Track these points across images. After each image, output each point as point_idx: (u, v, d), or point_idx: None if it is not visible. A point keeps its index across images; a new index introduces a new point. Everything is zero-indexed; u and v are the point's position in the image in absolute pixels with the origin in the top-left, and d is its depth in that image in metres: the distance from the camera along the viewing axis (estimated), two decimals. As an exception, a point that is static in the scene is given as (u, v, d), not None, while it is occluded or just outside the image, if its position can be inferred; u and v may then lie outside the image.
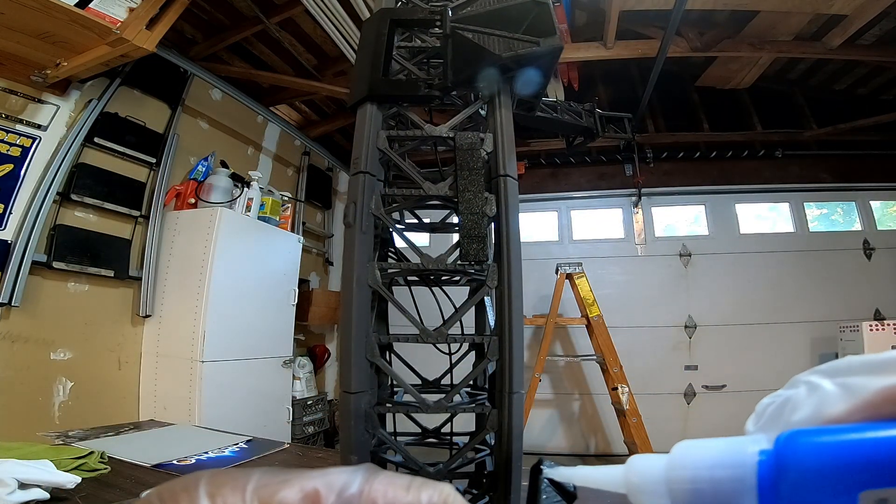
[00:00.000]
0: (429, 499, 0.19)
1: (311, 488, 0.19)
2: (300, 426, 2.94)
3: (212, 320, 2.23)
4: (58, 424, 1.91)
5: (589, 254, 3.78)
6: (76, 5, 1.62)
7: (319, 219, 4.02)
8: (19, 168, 1.89)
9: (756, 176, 3.84)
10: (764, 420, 0.23)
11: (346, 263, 0.42)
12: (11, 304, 1.77)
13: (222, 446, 1.17)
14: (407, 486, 0.19)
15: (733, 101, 3.97)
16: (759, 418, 0.23)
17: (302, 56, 3.04)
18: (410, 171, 0.45)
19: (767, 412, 0.23)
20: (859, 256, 3.60)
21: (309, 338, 3.66)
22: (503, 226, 0.43)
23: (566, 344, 3.78)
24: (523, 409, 0.42)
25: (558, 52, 0.46)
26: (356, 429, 0.39)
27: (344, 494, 0.19)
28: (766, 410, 0.23)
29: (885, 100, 3.70)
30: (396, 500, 0.19)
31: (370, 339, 0.41)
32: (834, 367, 0.21)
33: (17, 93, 1.91)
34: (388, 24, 0.49)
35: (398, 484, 0.19)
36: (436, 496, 0.19)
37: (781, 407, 0.22)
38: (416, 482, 0.20)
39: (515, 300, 0.41)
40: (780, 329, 3.51)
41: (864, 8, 2.47)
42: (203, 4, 2.51)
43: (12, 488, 0.68)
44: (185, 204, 2.50)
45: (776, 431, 0.19)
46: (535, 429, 3.62)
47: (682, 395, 3.56)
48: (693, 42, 2.96)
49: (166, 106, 2.54)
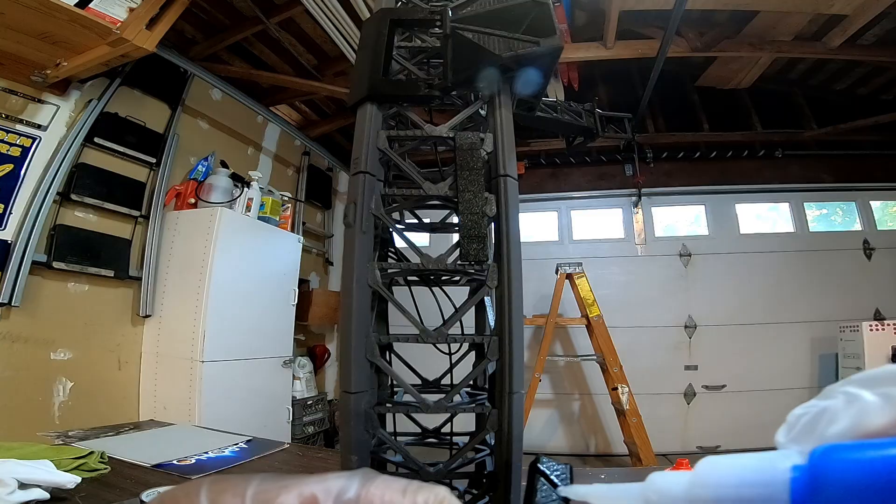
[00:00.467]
0: (424, 501, 0.19)
1: (308, 493, 0.19)
2: (300, 426, 2.94)
3: (212, 320, 2.23)
4: (58, 424, 1.91)
5: (589, 254, 3.78)
6: (76, 5, 1.62)
7: (319, 219, 4.02)
8: (19, 168, 1.89)
9: (756, 176, 3.84)
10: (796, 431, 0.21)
11: (346, 263, 0.42)
12: (11, 304, 1.77)
13: (222, 446, 1.16)
14: (403, 490, 0.19)
15: (733, 101, 3.96)
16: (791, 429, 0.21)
17: (302, 56, 3.04)
18: (410, 171, 0.45)
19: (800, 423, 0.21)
20: (859, 256, 3.60)
21: (309, 338, 3.65)
22: (503, 226, 0.43)
23: (566, 344, 3.78)
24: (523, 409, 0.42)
25: (558, 52, 0.46)
26: (356, 429, 0.39)
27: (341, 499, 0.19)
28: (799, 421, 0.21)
29: (885, 100, 3.70)
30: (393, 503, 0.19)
31: (370, 339, 0.41)
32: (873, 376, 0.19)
33: (17, 93, 1.91)
34: (388, 24, 0.49)
35: (394, 487, 0.19)
36: (431, 498, 0.19)
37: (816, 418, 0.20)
38: (413, 486, 0.20)
39: (515, 300, 0.41)
40: (780, 329, 3.51)
41: (864, 8, 2.47)
42: (203, 4, 2.51)
43: (12, 488, 0.68)
44: (185, 204, 2.50)
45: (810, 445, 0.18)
46: (535, 429, 3.62)
47: (682, 395, 3.56)
48: (693, 42, 2.96)
49: (166, 106, 2.54)
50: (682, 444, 3.43)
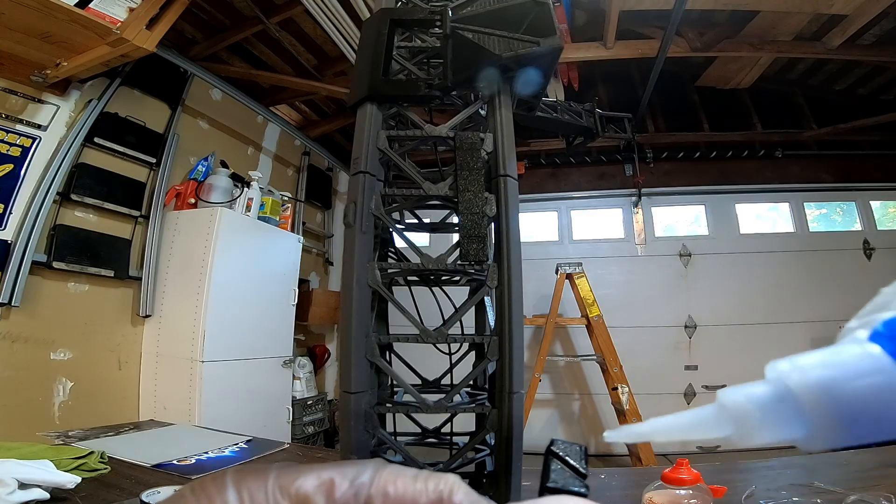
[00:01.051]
0: (435, 487, 0.20)
1: (326, 477, 0.21)
2: (300, 426, 2.94)
3: (212, 320, 2.23)
4: (58, 424, 1.91)
5: (589, 254, 3.78)
6: (76, 5, 1.62)
7: (319, 219, 4.02)
8: (19, 168, 1.89)
9: (756, 176, 3.84)
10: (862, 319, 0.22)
11: (346, 263, 0.42)
12: (11, 304, 1.77)
13: (222, 446, 1.17)
14: (415, 476, 0.21)
15: (733, 101, 3.97)
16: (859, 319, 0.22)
17: (302, 56, 3.04)
18: (410, 171, 0.45)
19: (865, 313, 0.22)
20: (859, 256, 3.60)
21: (309, 338, 3.66)
22: (503, 226, 0.43)
23: (566, 344, 3.78)
24: (523, 409, 0.42)
25: (558, 52, 0.46)
26: (356, 429, 0.39)
27: (356, 482, 0.21)
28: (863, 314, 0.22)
29: (885, 100, 3.70)
30: (405, 488, 0.20)
31: (370, 339, 0.41)
32: None
33: (17, 93, 1.91)
34: (388, 24, 0.49)
35: (406, 474, 0.21)
36: (441, 484, 0.21)
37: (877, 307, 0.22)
38: (424, 473, 0.21)
39: (515, 300, 0.41)
40: (780, 329, 3.51)
41: (864, 8, 2.47)
42: (203, 4, 2.51)
43: (12, 488, 0.68)
44: (185, 204, 2.50)
45: None
46: (535, 429, 3.62)
47: (682, 395, 3.56)
48: (693, 42, 2.96)
49: (166, 106, 2.54)
50: (682, 444, 3.42)
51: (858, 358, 0.18)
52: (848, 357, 0.19)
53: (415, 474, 0.21)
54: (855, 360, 0.18)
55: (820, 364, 0.19)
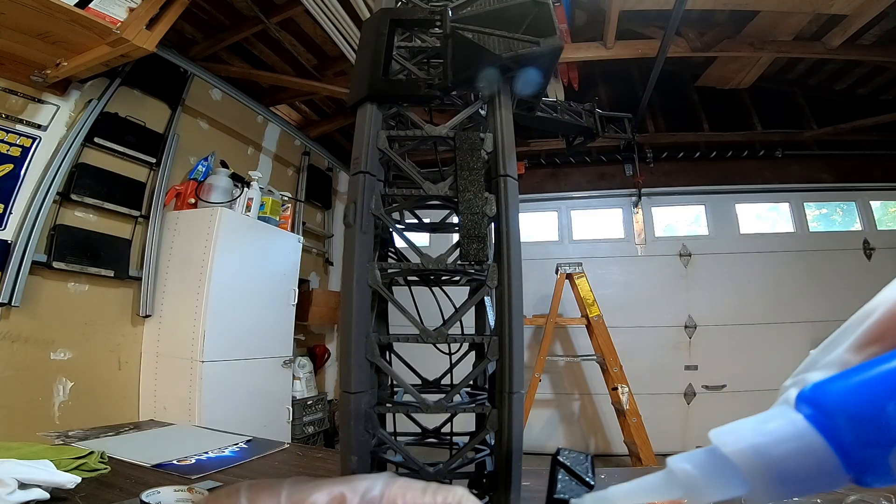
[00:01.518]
0: (444, 499, 0.21)
1: (338, 492, 0.21)
2: (300, 426, 2.94)
3: (212, 320, 2.23)
4: (58, 424, 1.91)
5: (589, 254, 3.78)
6: (76, 5, 1.62)
7: (319, 219, 4.02)
8: (19, 168, 1.89)
9: (756, 176, 3.84)
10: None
11: (346, 263, 0.42)
12: (11, 304, 1.77)
13: (222, 446, 1.16)
14: (424, 489, 0.21)
15: (733, 101, 3.97)
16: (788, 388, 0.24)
17: (302, 56, 3.04)
18: (410, 171, 0.45)
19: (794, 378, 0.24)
20: (859, 256, 3.60)
21: (309, 338, 3.65)
22: (503, 226, 0.43)
23: (566, 344, 3.78)
24: (523, 409, 0.42)
25: (558, 52, 0.46)
26: (356, 429, 0.39)
27: (367, 497, 0.21)
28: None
29: (885, 100, 3.70)
30: (415, 501, 0.21)
31: (370, 339, 0.41)
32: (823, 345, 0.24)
33: (17, 93, 1.91)
34: (388, 24, 0.49)
35: (416, 487, 0.21)
36: (450, 497, 0.21)
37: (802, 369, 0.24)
38: (433, 486, 0.21)
39: (515, 300, 0.41)
40: (780, 329, 3.51)
41: (864, 8, 2.47)
42: (203, 4, 2.51)
43: (12, 488, 0.68)
44: (185, 204, 2.50)
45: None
46: (535, 429, 3.62)
47: (682, 395, 3.56)
48: (693, 42, 2.96)
49: (166, 106, 2.54)
50: (682, 444, 3.42)
51: (783, 425, 0.21)
52: (774, 425, 0.21)
53: (423, 487, 0.21)
54: (780, 426, 0.21)
55: (751, 430, 0.21)
